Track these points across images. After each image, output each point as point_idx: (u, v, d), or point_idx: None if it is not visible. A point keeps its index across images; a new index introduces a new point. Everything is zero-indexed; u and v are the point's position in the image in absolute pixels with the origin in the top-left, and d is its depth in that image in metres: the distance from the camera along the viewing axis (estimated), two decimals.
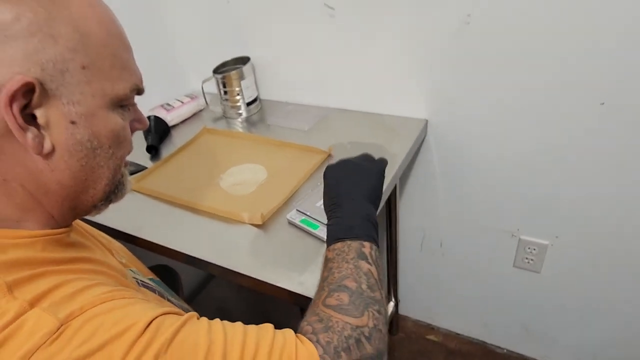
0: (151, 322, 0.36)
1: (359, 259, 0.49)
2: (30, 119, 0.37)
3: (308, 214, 0.74)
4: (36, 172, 0.39)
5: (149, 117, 1.07)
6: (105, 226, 0.79)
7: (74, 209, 0.44)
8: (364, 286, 0.46)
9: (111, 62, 0.41)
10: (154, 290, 0.55)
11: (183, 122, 1.14)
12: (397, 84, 0.98)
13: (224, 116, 1.15)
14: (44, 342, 0.32)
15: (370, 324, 0.44)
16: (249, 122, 1.11)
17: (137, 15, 1.08)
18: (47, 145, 0.38)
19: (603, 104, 0.82)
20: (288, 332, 0.42)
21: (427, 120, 1.00)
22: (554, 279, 1.09)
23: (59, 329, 0.33)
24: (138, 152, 1.01)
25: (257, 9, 1.05)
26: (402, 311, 1.44)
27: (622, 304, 1.04)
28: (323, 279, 0.49)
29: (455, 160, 1.03)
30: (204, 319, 0.40)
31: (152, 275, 0.64)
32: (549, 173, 0.94)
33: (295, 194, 0.81)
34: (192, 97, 1.17)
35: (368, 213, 0.53)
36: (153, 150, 1.01)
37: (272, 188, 0.83)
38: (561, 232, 1.02)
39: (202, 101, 1.17)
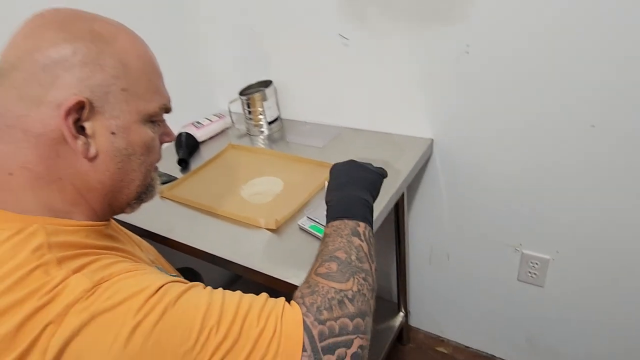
0: (162, 285, 0.44)
1: (352, 235, 0.55)
2: (80, 130, 0.47)
3: (317, 220, 0.83)
4: (83, 172, 0.49)
5: (180, 134, 1.20)
6: (141, 228, 0.90)
7: (111, 205, 0.54)
8: (353, 257, 0.52)
9: (145, 86, 0.51)
10: None
11: (211, 138, 1.26)
12: (404, 106, 1.07)
13: (248, 134, 1.26)
14: (82, 297, 0.40)
15: (355, 288, 0.49)
16: (270, 139, 1.22)
17: (178, 45, 1.22)
18: (92, 151, 0.48)
19: (594, 126, 0.88)
20: (279, 299, 0.48)
21: (432, 140, 1.08)
22: (557, 293, 1.14)
23: (93, 288, 0.41)
24: (170, 164, 1.13)
25: (280, 38, 1.17)
26: (413, 323, 1.49)
27: (624, 318, 1.07)
28: (318, 252, 0.55)
29: (459, 177, 1.11)
30: (209, 287, 0.48)
31: (176, 273, 0.73)
32: (546, 191, 1.00)
33: (307, 204, 0.90)
34: (220, 116, 1.29)
35: (365, 199, 0.61)
36: (183, 163, 1.12)
37: (287, 198, 0.92)
38: (561, 247, 1.07)
39: (228, 120, 1.29)
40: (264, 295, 0.49)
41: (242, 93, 1.21)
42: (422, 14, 0.94)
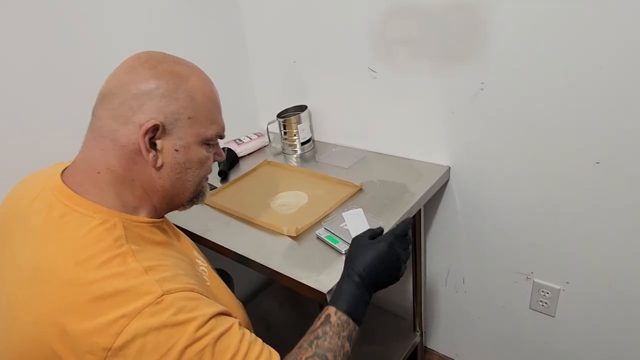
0: (213, 316, 0.54)
1: (347, 340, 0.64)
2: (153, 145, 0.61)
3: (333, 232, 0.93)
4: (150, 178, 0.62)
5: (223, 149, 1.35)
6: (182, 227, 1.03)
7: (169, 204, 0.67)
8: None
9: (206, 116, 0.64)
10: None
11: (249, 154, 1.40)
12: (424, 135, 1.17)
13: (283, 152, 1.39)
14: (152, 302, 0.51)
15: None
16: (302, 158, 1.34)
17: (229, 72, 1.39)
18: (159, 162, 0.62)
19: (598, 163, 0.94)
20: None
21: (449, 167, 1.16)
22: (568, 324, 1.16)
23: (162, 296, 0.52)
24: (212, 175, 1.26)
25: (316, 68, 1.30)
26: (430, 344, 1.53)
27: (635, 352, 1.08)
28: (315, 336, 0.62)
29: (474, 204, 1.17)
30: (242, 329, 0.58)
31: (208, 264, 0.83)
32: (556, 222, 1.05)
33: (327, 217, 1.00)
34: (259, 135, 1.43)
35: (367, 301, 0.69)
36: (223, 174, 1.27)
37: (310, 210, 1.03)
38: (571, 279, 1.10)
39: (266, 139, 1.43)
40: (274, 356, 0.58)
41: (279, 115, 1.35)
42: (442, 55, 1.04)
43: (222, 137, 0.69)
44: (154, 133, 0.60)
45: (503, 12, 0.92)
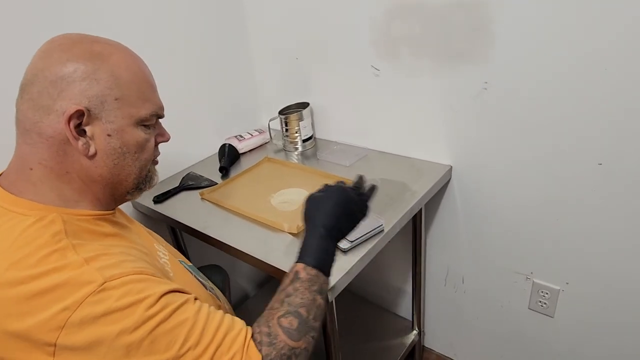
0: (163, 295, 0.52)
1: (318, 293, 0.62)
2: (82, 133, 0.57)
3: None
4: (86, 168, 0.59)
5: (224, 145, 1.34)
6: (181, 222, 1.03)
7: (113, 194, 0.64)
8: (311, 317, 0.60)
9: (136, 95, 0.60)
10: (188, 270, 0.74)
11: (250, 150, 1.40)
12: (426, 134, 1.16)
13: (284, 149, 1.39)
14: (94, 291, 0.49)
15: (303, 346, 0.58)
16: (303, 155, 1.34)
17: (231, 68, 1.38)
18: (92, 150, 0.58)
19: (601, 164, 0.93)
20: (248, 333, 0.56)
21: (451, 166, 1.16)
22: (567, 325, 1.16)
23: (103, 284, 0.50)
24: (212, 171, 1.27)
25: (319, 66, 1.30)
26: (427, 343, 1.54)
27: (634, 355, 1.08)
28: (286, 294, 0.61)
29: (475, 203, 1.17)
30: (198, 302, 0.56)
31: (184, 259, 0.81)
32: (557, 223, 1.05)
33: None
34: (260, 131, 1.43)
35: (334, 252, 0.68)
36: (224, 170, 1.26)
37: None
38: (571, 279, 1.10)
39: (267, 136, 1.43)
40: (239, 323, 0.57)
41: (281, 112, 1.35)
42: (446, 53, 1.03)
43: (160, 116, 0.65)
44: (80, 119, 0.57)
45: (508, 12, 0.91)
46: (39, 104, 0.56)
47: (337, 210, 0.69)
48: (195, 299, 0.57)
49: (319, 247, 0.66)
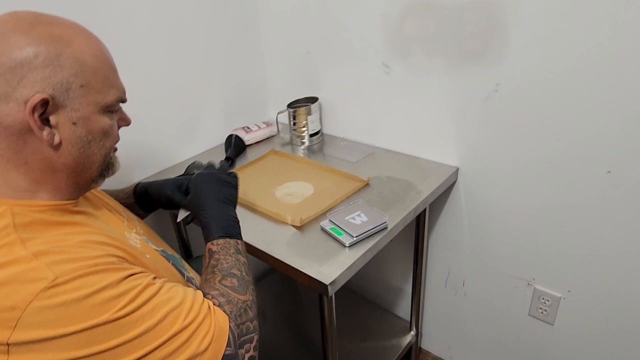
0: (122, 280, 0.51)
1: (237, 254, 0.68)
2: (46, 122, 0.53)
3: (337, 224, 0.92)
4: (48, 158, 0.55)
5: (231, 135, 1.34)
6: None
7: (77, 183, 0.61)
8: (244, 273, 0.66)
9: (101, 81, 0.57)
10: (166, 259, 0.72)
11: (257, 142, 1.40)
12: (435, 134, 1.16)
13: (290, 143, 1.38)
14: (45, 287, 0.46)
15: (250, 299, 0.63)
16: (310, 150, 1.34)
17: (241, 59, 1.38)
18: (57, 140, 0.55)
19: (609, 172, 0.93)
20: (210, 302, 0.59)
21: (457, 168, 1.15)
22: (566, 333, 1.15)
23: (54, 280, 0.47)
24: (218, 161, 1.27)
25: (330, 61, 1.29)
26: (424, 345, 1.53)
27: None
28: (212, 266, 0.65)
29: (480, 206, 1.17)
30: (158, 282, 0.56)
31: (165, 247, 0.78)
32: (562, 230, 1.04)
33: (332, 209, 1.00)
34: (268, 124, 1.42)
35: (233, 215, 0.74)
36: (229, 161, 1.26)
37: (315, 202, 1.03)
38: (573, 287, 1.09)
39: (275, 129, 1.42)
40: (199, 293, 0.59)
41: (290, 106, 1.34)
42: (458, 54, 1.03)
43: (123, 101, 0.63)
44: (44, 108, 0.53)
45: (522, 14, 0.91)
46: None
47: (211, 184, 0.77)
48: (154, 278, 0.57)
49: (215, 218, 0.71)
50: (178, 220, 0.85)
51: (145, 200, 0.90)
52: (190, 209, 0.81)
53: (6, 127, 0.52)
